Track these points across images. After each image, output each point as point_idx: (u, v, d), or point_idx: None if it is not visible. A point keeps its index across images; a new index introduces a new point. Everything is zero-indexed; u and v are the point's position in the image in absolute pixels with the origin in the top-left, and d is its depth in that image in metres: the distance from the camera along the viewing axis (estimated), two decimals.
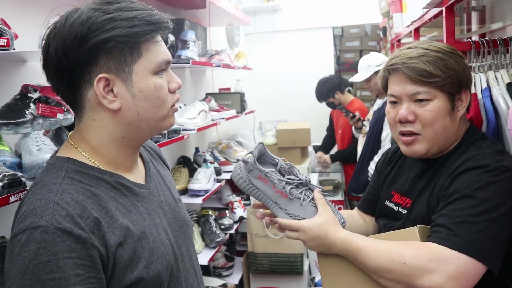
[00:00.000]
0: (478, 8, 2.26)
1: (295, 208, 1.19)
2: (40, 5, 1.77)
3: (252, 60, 4.90)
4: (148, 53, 0.90)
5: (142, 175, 1.03)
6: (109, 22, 0.84)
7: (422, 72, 1.17)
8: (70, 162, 0.90)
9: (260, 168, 1.19)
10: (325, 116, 5.23)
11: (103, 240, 0.83)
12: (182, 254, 1.03)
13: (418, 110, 1.20)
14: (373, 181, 1.52)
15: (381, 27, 4.58)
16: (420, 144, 1.23)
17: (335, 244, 1.15)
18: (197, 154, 3.04)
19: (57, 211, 0.79)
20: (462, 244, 1.04)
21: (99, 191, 0.88)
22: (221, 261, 3.05)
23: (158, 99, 0.92)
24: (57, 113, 1.44)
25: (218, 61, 2.98)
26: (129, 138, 0.94)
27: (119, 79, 0.88)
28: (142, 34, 0.87)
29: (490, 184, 1.09)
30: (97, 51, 0.85)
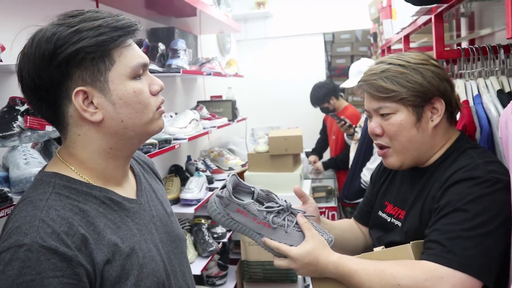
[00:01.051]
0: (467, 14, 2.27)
1: (281, 236, 1.15)
2: (28, 16, 1.76)
3: (243, 67, 4.90)
4: (122, 59, 0.88)
5: (133, 190, 1.01)
6: (75, 34, 0.83)
7: (379, 88, 1.21)
8: (57, 178, 0.88)
9: (237, 201, 1.14)
10: (317, 122, 5.23)
11: (90, 257, 0.81)
12: (175, 270, 1.01)
13: (383, 124, 1.24)
14: (368, 191, 1.52)
15: (372, 33, 4.61)
16: (392, 157, 1.26)
17: (327, 269, 1.13)
18: (189, 162, 3.03)
19: (42, 229, 0.78)
20: (457, 261, 1.03)
21: (87, 206, 0.87)
22: (215, 270, 3.03)
23: (140, 104, 0.90)
24: (46, 126, 1.42)
25: (209, 69, 2.98)
26: (117, 148, 0.92)
27: (97, 90, 0.87)
28: (110, 40, 0.85)
29: (482, 196, 1.08)
30: (68, 66, 0.84)
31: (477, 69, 1.45)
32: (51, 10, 1.85)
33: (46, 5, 1.87)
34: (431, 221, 1.14)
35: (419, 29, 2.17)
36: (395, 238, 1.25)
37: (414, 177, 1.29)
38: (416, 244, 1.14)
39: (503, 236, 1.07)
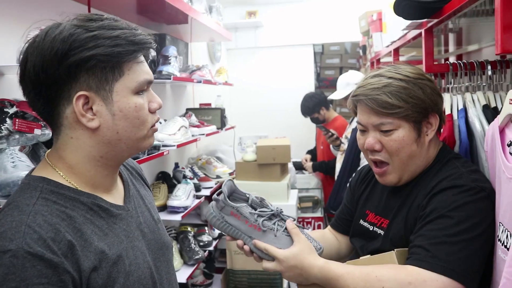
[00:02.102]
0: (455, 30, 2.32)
1: (270, 240, 1.18)
2: (18, 18, 1.75)
3: (233, 76, 4.92)
4: (130, 73, 0.89)
5: (121, 196, 1.01)
6: (92, 40, 0.83)
7: (384, 104, 1.18)
8: (45, 182, 0.86)
9: (231, 204, 1.20)
10: (305, 132, 5.26)
11: (76, 264, 0.80)
12: (161, 278, 1.00)
13: (384, 140, 1.22)
14: (346, 199, 1.51)
15: (361, 46, 4.66)
16: (391, 175, 1.25)
17: (312, 273, 1.14)
18: (176, 169, 3.01)
19: (29, 235, 0.76)
20: (441, 266, 1.05)
21: (75, 213, 0.85)
22: (200, 279, 3.01)
23: (138, 119, 0.90)
24: (34, 129, 1.41)
25: (199, 77, 2.98)
26: (107, 157, 0.92)
27: (99, 98, 0.86)
28: (125, 54, 0.86)
29: (466, 204, 1.11)
30: (78, 69, 0.83)
31: (464, 83, 1.47)
32: (42, 13, 1.86)
33: (37, 8, 1.86)
34: (416, 227, 1.16)
35: (409, 43, 2.21)
36: (379, 247, 1.26)
37: (397, 187, 1.30)
38: (400, 251, 1.15)
39: (485, 243, 1.09)
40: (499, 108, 1.33)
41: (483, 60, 1.44)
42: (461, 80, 1.49)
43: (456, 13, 1.41)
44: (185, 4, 2.55)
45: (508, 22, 0.95)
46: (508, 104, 1.04)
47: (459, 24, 2.12)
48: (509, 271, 0.89)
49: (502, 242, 1.04)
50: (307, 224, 3.96)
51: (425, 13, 1.50)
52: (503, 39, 0.96)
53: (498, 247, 1.07)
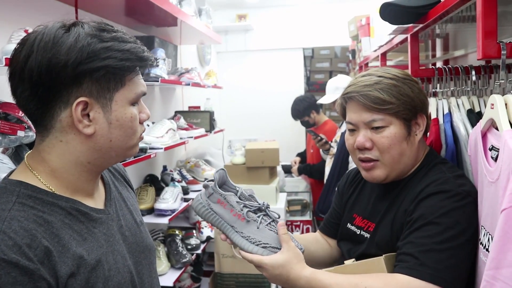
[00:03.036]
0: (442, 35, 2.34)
1: (251, 231, 1.16)
2: (5, 19, 1.73)
3: (222, 79, 4.92)
4: (130, 84, 0.91)
5: (102, 199, 1.00)
6: (105, 51, 0.84)
7: (376, 100, 1.19)
8: (22, 187, 0.85)
9: (219, 191, 1.18)
10: (295, 135, 5.27)
11: (53, 271, 0.79)
12: (142, 282, 1.00)
13: (375, 137, 1.22)
14: (335, 203, 1.51)
15: (350, 50, 4.68)
16: (379, 169, 1.24)
17: (299, 283, 1.12)
18: (164, 172, 3.00)
19: (3, 241, 0.75)
20: (430, 274, 1.05)
21: (52, 217, 0.84)
22: (187, 282, 3.00)
23: (131, 129, 0.92)
24: (17, 130, 1.39)
25: (188, 79, 2.97)
26: (94, 164, 0.92)
27: (98, 105, 0.87)
28: (132, 68, 0.89)
29: (453, 210, 1.11)
30: (84, 75, 0.84)
31: (449, 88, 1.49)
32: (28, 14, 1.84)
33: (23, 9, 1.84)
34: (404, 233, 1.16)
35: (396, 47, 2.22)
36: (365, 250, 1.26)
37: (384, 190, 1.30)
38: (388, 257, 1.15)
39: (471, 249, 1.10)
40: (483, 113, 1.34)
41: (467, 65, 1.45)
42: (446, 84, 1.51)
43: (441, 18, 1.42)
44: (174, 7, 2.55)
45: (489, 28, 0.96)
46: (489, 109, 1.05)
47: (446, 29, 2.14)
48: (489, 274, 0.90)
49: (484, 245, 1.05)
50: (296, 227, 3.97)
51: (410, 18, 1.51)
52: (484, 45, 0.97)
53: (480, 250, 1.08)
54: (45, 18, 2.01)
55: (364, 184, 1.40)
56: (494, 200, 0.99)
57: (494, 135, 1.06)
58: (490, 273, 0.90)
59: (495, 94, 1.04)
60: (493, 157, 1.03)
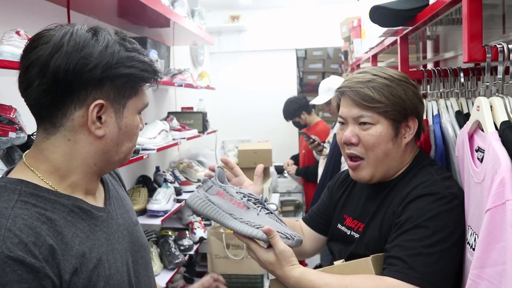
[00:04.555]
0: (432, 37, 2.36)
1: (251, 217, 1.18)
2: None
3: (215, 80, 4.93)
4: (141, 94, 0.95)
5: (102, 198, 1.00)
6: (130, 60, 0.88)
7: (365, 97, 1.21)
8: (23, 185, 0.85)
9: (219, 183, 1.21)
10: (287, 136, 5.29)
11: (57, 269, 0.79)
12: (139, 281, 1.00)
13: (361, 133, 1.23)
14: (322, 199, 1.52)
15: (343, 51, 4.71)
16: (364, 170, 1.26)
17: (288, 281, 1.15)
18: (157, 173, 3.00)
19: (9, 239, 0.75)
20: (419, 277, 1.07)
21: (55, 215, 0.84)
22: (180, 283, 3.00)
23: (135, 136, 0.97)
24: (9, 132, 1.39)
25: (180, 80, 2.98)
26: (99, 166, 0.93)
27: (112, 109, 0.90)
28: (148, 79, 0.93)
29: (441, 213, 1.12)
30: (108, 80, 0.87)
31: (439, 90, 1.50)
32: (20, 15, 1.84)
33: (14, 9, 1.84)
34: (392, 235, 1.17)
35: (387, 49, 2.24)
36: (355, 251, 1.27)
37: (374, 191, 1.32)
38: (376, 257, 1.16)
39: (458, 252, 1.12)
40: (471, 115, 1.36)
41: (456, 68, 1.47)
42: (435, 86, 1.52)
43: (430, 20, 1.44)
44: (167, 8, 2.55)
45: (474, 31, 0.98)
46: (476, 111, 1.07)
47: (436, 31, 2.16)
48: (474, 273, 0.92)
49: (471, 245, 1.07)
50: None
51: (399, 21, 1.53)
52: (470, 48, 0.99)
53: (467, 249, 1.10)
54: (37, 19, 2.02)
55: (354, 185, 1.41)
56: (480, 200, 1.00)
57: (480, 136, 1.08)
58: (475, 272, 0.92)
59: (481, 97, 1.06)
60: (479, 158, 1.05)
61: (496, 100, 1.01)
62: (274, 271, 1.17)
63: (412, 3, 1.48)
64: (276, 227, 1.17)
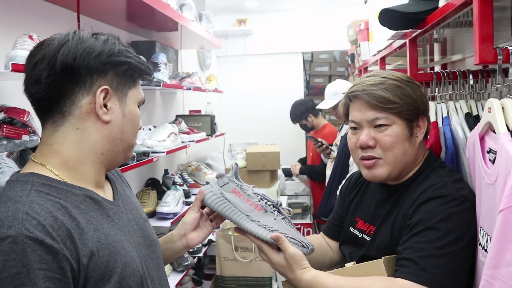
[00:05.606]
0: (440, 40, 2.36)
1: (269, 221, 1.17)
2: (8, 24, 1.75)
3: (223, 83, 4.94)
4: (138, 87, 1.02)
5: (110, 193, 1.02)
6: (127, 52, 0.97)
7: (380, 99, 1.22)
8: (35, 177, 0.87)
9: (236, 181, 1.20)
10: (295, 139, 5.29)
11: (75, 252, 0.80)
12: (151, 274, 1.01)
13: (378, 135, 1.24)
14: (337, 206, 1.52)
15: (349, 54, 4.71)
16: (381, 168, 1.25)
17: (300, 284, 1.16)
18: (166, 176, 3.02)
19: (27, 221, 0.76)
20: (430, 279, 1.07)
21: (68, 204, 0.86)
22: (189, 285, 3.01)
23: (137, 126, 1.01)
24: (22, 135, 1.41)
25: (189, 84, 3.00)
26: (106, 156, 0.95)
27: (116, 97, 0.95)
28: (144, 73, 1.00)
29: (452, 215, 1.13)
30: (111, 67, 0.93)
31: (447, 92, 1.51)
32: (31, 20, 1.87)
33: (26, 15, 1.87)
34: (403, 238, 1.17)
35: (395, 52, 2.25)
36: (366, 253, 1.28)
37: (385, 194, 1.32)
38: (388, 259, 1.17)
39: (470, 254, 1.12)
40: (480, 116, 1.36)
41: (465, 70, 1.48)
42: (444, 88, 1.53)
43: (439, 23, 1.45)
44: (175, 12, 2.58)
45: (485, 33, 0.98)
46: (487, 112, 1.07)
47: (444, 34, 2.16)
48: (488, 273, 0.92)
49: (483, 246, 1.07)
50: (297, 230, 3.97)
51: (408, 24, 1.53)
52: (481, 50, 0.99)
53: (479, 251, 1.10)
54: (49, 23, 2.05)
55: (366, 188, 1.42)
56: (492, 201, 1.01)
57: (491, 138, 1.08)
58: (489, 272, 0.92)
59: (492, 98, 1.07)
60: (491, 160, 1.05)
61: (508, 102, 1.02)
62: (285, 274, 1.18)
63: (421, 6, 1.48)
64: (292, 234, 1.18)
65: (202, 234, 1.23)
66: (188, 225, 1.21)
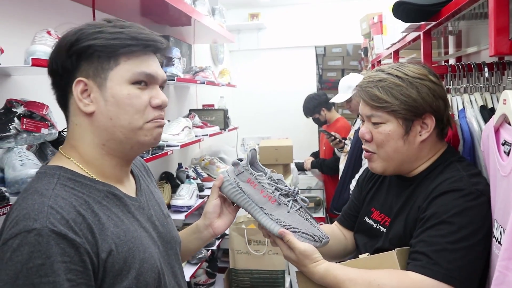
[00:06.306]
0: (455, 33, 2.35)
1: (282, 215, 1.16)
2: (24, 20, 1.78)
3: (236, 77, 4.96)
4: (127, 64, 0.93)
5: (133, 189, 1.04)
6: (96, 34, 0.91)
7: (373, 97, 1.24)
8: (62, 171, 0.90)
9: (251, 170, 1.18)
10: (307, 133, 5.29)
11: (95, 246, 0.83)
12: (169, 271, 1.03)
13: (373, 131, 1.27)
14: (354, 195, 1.53)
15: (363, 48, 4.68)
16: (375, 162, 1.30)
17: (313, 276, 1.17)
18: (180, 170, 3.05)
19: (52, 215, 0.80)
20: (443, 273, 1.07)
21: (91, 199, 0.89)
22: (203, 278, 3.04)
23: (131, 107, 0.92)
24: (41, 128, 1.44)
25: (202, 78, 3.01)
26: (109, 146, 0.94)
27: (96, 85, 0.92)
28: (120, 46, 0.91)
29: (467, 209, 1.12)
30: (79, 58, 0.91)
31: (462, 85, 1.50)
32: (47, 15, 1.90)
33: (42, 10, 1.90)
34: (417, 231, 1.17)
35: (408, 45, 2.24)
36: (380, 244, 1.28)
37: (401, 186, 1.32)
38: (401, 251, 1.17)
39: (484, 249, 1.11)
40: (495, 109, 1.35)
41: (480, 62, 1.47)
42: (459, 81, 1.52)
43: (454, 15, 1.44)
44: (188, 6, 2.59)
45: (501, 25, 0.98)
46: (502, 104, 1.07)
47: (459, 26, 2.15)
48: (502, 264, 0.92)
49: (497, 239, 1.06)
50: None
51: (423, 16, 1.53)
52: (496, 42, 0.99)
53: (493, 243, 1.10)
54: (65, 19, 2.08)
55: (383, 179, 1.42)
56: (506, 193, 1.01)
57: (507, 130, 1.08)
58: (503, 263, 0.92)
59: (508, 90, 1.06)
60: (506, 152, 1.05)
61: None
62: (298, 267, 1.19)
63: None
64: (305, 227, 1.17)
65: (227, 221, 1.23)
66: (211, 213, 1.21)
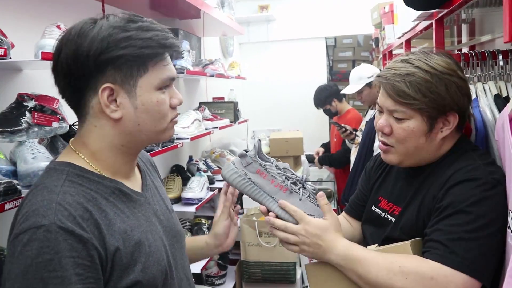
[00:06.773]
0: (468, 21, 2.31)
1: (294, 202, 1.16)
2: (35, 15, 1.79)
3: (245, 70, 4.94)
4: (154, 70, 0.93)
5: (139, 184, 1.05)
6: (126, 40, 0.88)
7: (400, 93, 1.17)
8: (70, 167, 0.92)
9: (260, 161, 1.16)
10: (318, 125, 5.26)
11: (102, 242, 0.85)
12: (176, 263, 1.05)
13: (394, 125, 1.22)
14: (361, 185, 1.51)
15: (373, 38, 4.64)
16: (392, 155, 1.26)
17: (334, 248, 1.15)
18: (190, 162, 3.05)
19: (60, 211, 0.81)
20: (460, 262, 1.06)
21: (98, 195, 0.90)
22: (214, 270, 3.06)
23: (158, 113, 0.95)
24: (52, 122, 1.45)
25: (212, 70, 3.01)
26: (128, 146, 0.97)
27: (123, 91, 0.91)
28: (153, 55, 0.92)
29: (484, 199, 1.10)
30: (107, 64, 0.89)
31: (476, 74, 1.47)
32: (58, 10, 1.90)
33: (53, 5, 1.90)
34: (432, 220, 1.15)
35: (420, 34, 2.21)
36: (388, 234, 1.27)
37: (411, 174, 1.30)
38: (414, 242, 1.16)
39: (500, 239, 1.09)
40: (510, 97, 1.33)
41: (494, 50, 1.44)
42: (473, 70, 1.49)
43: (467, 2, 1.41)
44: None
45: None
46: None
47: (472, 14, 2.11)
48: None
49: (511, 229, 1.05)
50: None
51: (435, 4, 1.50)
52: (510, 28, 0.96)
53: (508, 234, 1.08)
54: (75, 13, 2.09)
55: (391, 168, 1.40)
56: None
57: None
58: None
59: None
60: None
61: None
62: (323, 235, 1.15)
63: None
64: (318, 213, 1.18)
65: (233, 235, 1.30)
66: (221, 235, 1.28)
